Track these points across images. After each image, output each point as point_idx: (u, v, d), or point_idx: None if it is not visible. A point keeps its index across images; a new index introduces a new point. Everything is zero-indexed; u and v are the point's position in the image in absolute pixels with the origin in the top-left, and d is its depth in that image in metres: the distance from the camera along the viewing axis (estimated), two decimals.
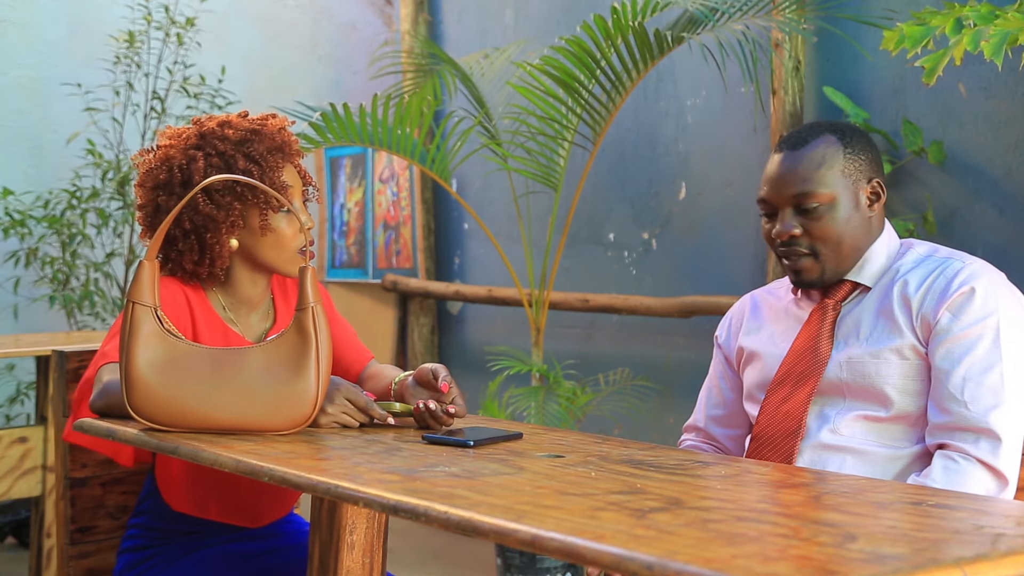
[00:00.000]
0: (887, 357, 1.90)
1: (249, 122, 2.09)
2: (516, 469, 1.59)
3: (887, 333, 1.91)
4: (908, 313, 1.90)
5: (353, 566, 1.80)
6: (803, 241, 1.96)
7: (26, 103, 5.13)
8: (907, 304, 1.91)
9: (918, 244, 2.02)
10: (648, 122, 4.45)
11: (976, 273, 1.89)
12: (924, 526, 1.30)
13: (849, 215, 1.95)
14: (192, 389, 1.81)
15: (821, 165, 1.95)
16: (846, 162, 1.96)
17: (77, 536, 2.22)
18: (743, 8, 3.61)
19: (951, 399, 1.84)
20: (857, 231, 1.96)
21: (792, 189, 1.95)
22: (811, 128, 2.01)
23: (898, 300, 1.92)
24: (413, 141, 3.92)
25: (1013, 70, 3.17)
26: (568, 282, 4.67)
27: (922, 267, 1.94)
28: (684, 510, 1.37)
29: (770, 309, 2.11)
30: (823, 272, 1.97)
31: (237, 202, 2.01)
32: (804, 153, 1.96)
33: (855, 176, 1.96)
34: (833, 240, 1.95)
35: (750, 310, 2.15)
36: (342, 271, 5.85)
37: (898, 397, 1.89)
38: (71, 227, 4.90)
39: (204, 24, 5.30)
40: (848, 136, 1.98)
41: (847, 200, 1.95)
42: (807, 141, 1.97)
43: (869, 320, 1.95)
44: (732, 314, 2.19)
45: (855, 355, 1.93)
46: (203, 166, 2.02)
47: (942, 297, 1.88)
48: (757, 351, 2.08)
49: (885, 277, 1.97)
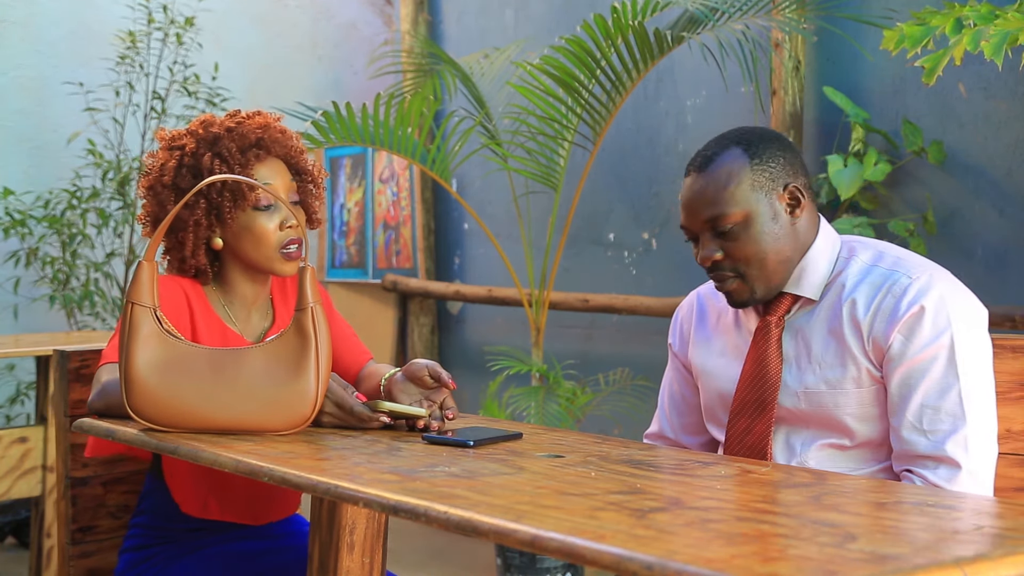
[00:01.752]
0: (845, 387, 1.85)
1: (230, 120, 2.09)
2: (516, 469, 1.59)
3: (841, 359, 1.85)
4: (859, 337, 1.84)
5: (353, 566, 1.80)
6: (726, 264, 1.88)
7: (26, 103, 5.13)
8: (857, 327, 1.84)
9: (860, 248, 1.92)
10: (648, 122, 4.45)
11: (924, 288, 1.81)
12: (924, 526, 1.30)
13: (768, 229, 1.86)
14: (191, 389, 1.81)
15: (728, 183, 1.86)
16: (754, 174, 1.86)
17: (78, 536, 2.22)
18: (743, 8, 3.61)
19: (909, 428, 1.80)
20: (780, 243, 1.87)
21: (704, 213, 1.87)
22: (718, 143, 1.92)
23: (848, 322, 1.85)
24: (413, 141, 3.92)
25: (1013, 70, 3.17)
26: (568, 282, 4.67)
27: (869, 283, 1.86)
28: (684, 510, 1.37)
29: (717, 317, 2.05)
30: (753, 291, 1.88)
31: (204, 200, 2.02)
32: (710, 173, 1.88)
33: (767, 187, 1.87)
34: (756, 259, 1.86)
35: (697, 317, 2.08)
36: (342, 271, 5.85)
37: (859, 426, 1.85)
38: (71, 227, 4.90)
39: (204, 24, 5.30)
40: (755, 145, 1.89)
41: (763, 214, 1.86)
42: (712, 159, 1.89)
43: (820, 340, 1.88)
44: (680, 319, 2.12)
45: (811, 384, 1.87)
46: (175, 166, 2.04)
47: (892, 319, 1.81)
48: (708, 370, 2.03)
49: (830, 290, 1.89)
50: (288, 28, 5.80)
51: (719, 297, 2.04)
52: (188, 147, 2.05)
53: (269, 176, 2.06)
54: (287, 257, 2.05)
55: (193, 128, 2.09)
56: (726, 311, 2.03)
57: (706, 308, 2.08)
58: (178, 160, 2.05)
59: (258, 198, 2.03)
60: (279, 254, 2.05)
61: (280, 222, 2.05)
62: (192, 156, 2.04)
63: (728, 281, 1.89)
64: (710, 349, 2.04)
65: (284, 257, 2.05)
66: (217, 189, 2.01)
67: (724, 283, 1.90)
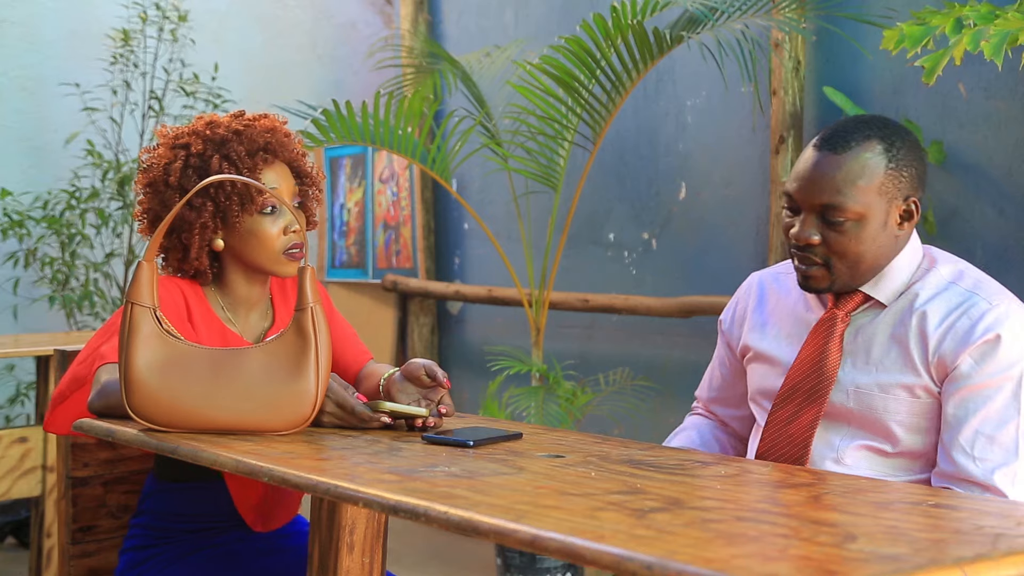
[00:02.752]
0: (896, 393, 1.83)
1: (237, 122, 2.09)
2: (516, 469, 1.59)
3: (899, 366, 1.83)
4: (924, 350, 1.81)
5: (353, 566, 1.80)
6: (820, 250, 1.84)
7: (25, 103, 5.13)
8: (924, 340, 1.81)
9: (942, 262, 1.89)
10: (648, 122, 4.45)
11: (1003, 317, 1.78)
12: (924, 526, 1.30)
13: (875, 234, 1.82)
14: (191, 390, 1.81)
15: (859, 178, 1.80)
16: (886, 178, 1.81)
17: (79, 535, 2.22)
18: (743, 8, 3.61)
19: (960, 451, 1.78)
20: (881, 250, 1.84)
21: (822, 197, 1.81)
22: (857, 128, 1.84)
23: (915, 334, 1.83)
24: (413, 141, 3.92)
25: (1013, 70, 3.17)
26: (568, 282, 4.67)
27: (945, 299, 1.83)
28: (684, 510, 1.36)
29: (777, 303, 2.03)
30: (832, 283, 1.86)
31: (211, 203, 2.01)
32: (843, 160, 1.81)
33: (892, 194, 1.82)
34: (852, 257, 1.83)
35: (756, 300, 2.06)
36: (342, 271, 5.85)
37: (905, 435, 1.84)
38: (70, 227, 4.90)
39: (204, 24, 5.30)
40: (896, 147, 1.82)
41: (877, 219, 1.82)
42: (850, 146, 1.81)
43: (881, 343, 1.86)
44: (738, 299, 2.10)
45: (863, 384, 1.86)
46: (180, 166, 2.03)
47: (964, 342, 1.78)
48: (764, 353, 2.01)
49: (902, 297, 1.87)
50: (288, 28, 5.80)
51: (780, 283, 2.03)
52: (194, 147, 2.04)
53: (275, 180, 2.06)
54: (289, 259, 2.05)
55: (198, 128, 2.08)
56: (787, 298, 2.01)
57: (766, 292, 2.06)
58: (184, 160, 2.04)
59: (265, 202, 2.03)
60: (282, 257, 2.05)
61: (284, 226, 2.05)
62: (199, 157, 2.03)
63: (813, 266, 1.86)
64: (764, 333, 2.02)
65: (286, 259, 2.05)
66: (225, 192, 2.01)
67: (808, 266, 1.86)
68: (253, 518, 2.09)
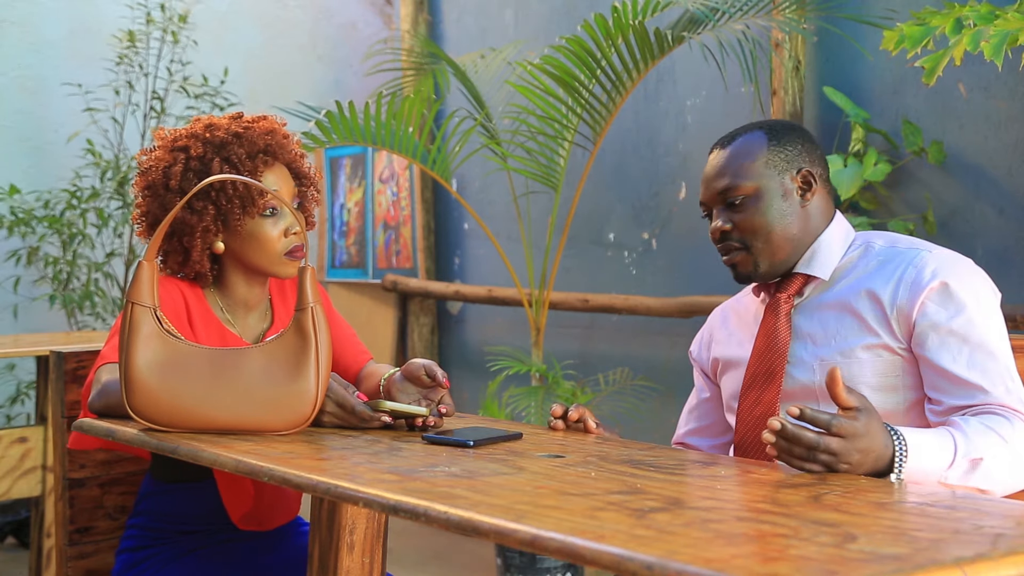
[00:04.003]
0: (859, 356, 1.87)
1: (236, 124, 2.08)
2: (516, 469, 1.59)
3: (855, 331, 1.88)
4: (879, 309, 1.87)
5: (353, 566, 1.80)
6: (734, 235, 1.95)
7: (26, 103, 5.13)
8: (877, 302, 1.87)
9: (875, 236, 1.98)
10: (648, 122, 4.44)
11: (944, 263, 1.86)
12: (924, 526, 1.30)
13: (777, 205, 1.94)
14: (192, 389, 1.81)
15: (744, 159, 1.96)
16: (770, 153, 1.96)
17: (76, 537, 2.22)
18: (743, 8, 3.61)
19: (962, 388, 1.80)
20: (787, 221, 1.94)
21: (719, 185, 1.97)
22: (744, 127, 2.03)
23: (865, 297, 1.89)
24: (414, 141, 3.92)
25: (1013, 70, 3.17)
26: (568, 282, 4.67)
27: (886, 261, 1.91)
28: (684, 510, 1.36)
29: (738, 318, 2.10)
30: (756, 264, 1.95)
31: (212, 206, 2.01)
32: (729, 149, 1.99)
33: (780, 167, 1.95)
34: (762, 231, 1.93)
35: (719, 322, 2.14)
36: (342, 271, 5.85)
37: (876, 396, 1.86)
38: (71, 227, 4.91)
39: (204, 24, 5.30)
40: (776, 130, 1.99)
41: (772, 191, 1.94)
42: (735, 138, 2.00)
43: (833, 318, 1.92)
44: (704, 329, 2.19)
45: (826, 356, 1.90)
46: (181, 169, 2.02)
47: (916, 288, 1.84)
48: (730, 359, 2.07)
49: (845, 274, 1.94)
50: (288, 28, 5.80)
51: (739, 302, 2.12)
52: (194, 150, 2.03)
53: (276, 182, 2.06)
54: (290, 260, 2.05)
55: (197, 131, 2.07)
56: (744, 311, 2.09)
57: (728, 313, 2.14)
58: (183, 164, 2.03)
59: (266, 204, 2.03)
60: (283, 258, 2.05)
61: (285, 228, 2.05)
62: (199, 160, 2.03)
63: (734, 253, 1.97)
64: (729, 342, 2.09)
65: (287, 260, 2.05)
66: (227, 195, 2.01)
67: (731, 255, 1.97)
68: (243, 520, 2.08)
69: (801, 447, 1.58)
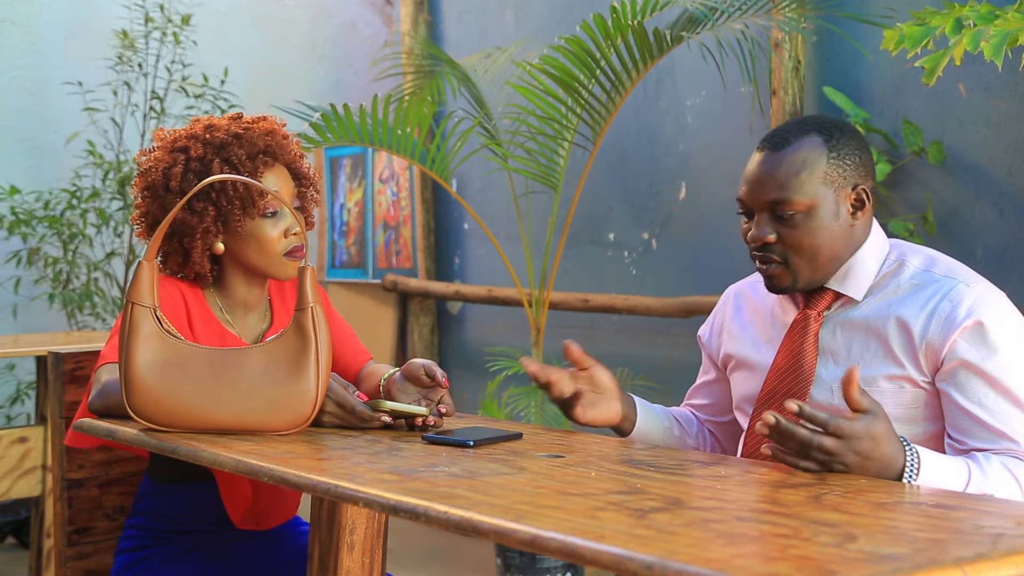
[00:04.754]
0: (881, 386, 1.82)
1: (236, 125, 2.08)
2: (516, 469, 1.59)
3: (880, 359, 1.83)
4: (908, 340, 1.80)
5: (353, 566, 1.80)
6: (777, 248, 1.86)
7: (26, 103, 5.13)
8: (906, 331, 1.81)
9: (911, 254, 1.90)
10: (648, 122, 4.44)
11: (981, 299, 1.78)
12: (924, 526, 1.29)
13: (828, 224, 1.84)
14: (191, 389, 1.81)
15: (801, 171, 1.83)
16: (829, 167, 1.84)
17: (75, 537, 2.22)
18: (743, 7, 3.61)
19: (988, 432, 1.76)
20: (835, 241, 1.85)
21: (769, 194, 1.84)
22: (796, 126, 1.88)
23: (894, 325, 1.82)
24: (413, 141, 3.92)
25: (1013, 70, 3.17)
26: (568, 282, 4.67)
27: (921, 287, 1.83)
28: (684, 510, 1.36)
29: (753, 310, 2.04)
30: (795, 281, 1.87)
31: (213, 207, 2.01)
32: (784, 155, 1.85)
33: (838, 183, 1.84)
34: (808, 250, 1.84)
35: (733, 310, 2.08)
36: (342, 271, 5.85)
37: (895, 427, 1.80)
38: (71, 227, 4.90)
39: (204, 24, 5.30)
40: (835, 137, 1.86)
41: (827, 209, 1.84)
42: (789, 142, 1.86)
43: (860, 340, 1.86)
44: (716, 311, 2.13)
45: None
46: (181, 171, 2.02)
47: (949, 325, 1.77)
48: (744, 359, 2.02)
49: (876, 293, 1.88)
50: (288, 28, 5.80)
51: (755, 291, 2.05)
52: (194, 151, 2.03)
53: (276, 183, 2.06)
54: (290, 260, 2.05)
55: (197, 132, 2.07)
56: (762, 304, 2.03)
57: (742, 301, 2.08)
58: (184, 165, 2.03)
59: (266, 205, 2.03)
60: (283, 259, 2.05)
61: (285, 229, 2.05)
62: (199, 161, 2.03)
63: (773, 265, 1.87)
64: (744, 339, 2.03)
65: (287, 261, 2.05)
66: (227, 196, 2.01)
67: (769, 266, 1.88)
68: (242, 519, 2.08)
69: (794, 443, 1.56)
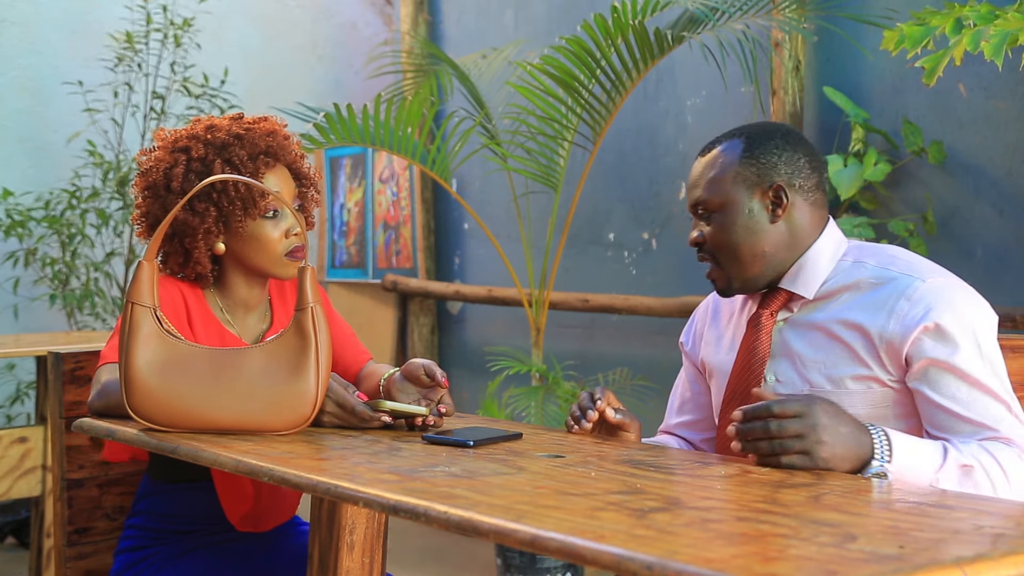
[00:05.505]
0: (849, 387, 1.82)
1: (237, 126, 2.08)
2: (516, 469, 1.59)
3: (844, 359, 1.82)
4: (869, 342, 1.80)
5: (353, 566, 1.80)
6: (706, 247, 1.92)
7: (26, 103, 5.13)
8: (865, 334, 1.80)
9: (868, 253, 1.89)
10: (648, 122, 4.44)
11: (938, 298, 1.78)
12: (924, 526, 1.29)
13: (744, 222, 1.87)
14: (191, 389, 1.81)
15: (713, 170, 1.90)
16: (741, 167, 1.88)
17: (74, 537, 2.22)
18: (743, 7, 3.61)
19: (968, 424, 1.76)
20: (755, 238, 1.87)
21: (692, 195, 1.94)
22: (726, 133, 1.96)
23: (854, 328, 1.82)
24: (413, 141, 3.92)
25: (1013, 70, 3.17)
26: (568, 282, 4.67)
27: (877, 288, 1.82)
28: (684, 510, 1.36)
29: (729, 317, 2.05)
30: (731, 281, 1.91)
31: (214, 208, 2.01)
32: (704, 159, 1.94)
33: (751, 181, 1.88)
34: (727, 248, 1.88)
35: (711, 316, 2.10)
36: (342, 271, 5.85)
37: None
38: (71, 227, 4.90)
39: (204, 24, 5.30)
40: (755, 140, 1.90)
41: (739, 207, 1.87)
42: (713, 147, 1.94)
43: (822, 342, 1.85)
44: (695, 318, 2.14)
45: (816, 382, 1.84)
46: (182, 171, 2.02)
47: (908, 324, 1.77)
48: (715, 366, 2.03)
49: (833, 292, 1.87)
50: (288, 28, 5.80)
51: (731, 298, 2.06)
52: (195, 152, 2.03)
53: (277, 184, 2.06)
54: (291, 260, 2.05)
55: (198, 132, 2.06)
56: (738, 309, 2.04)
57: (719, 307, 2.10)
58: (185, 165, 2.03)
59: (267, 206, 2.03)
60: (284, 259, 2.05)
61: (286, 229, 2.05)
62: (200, 162, 2.03)
63: (710, 267, 1.95)
64: (719, 345, 2.05)
65: (288, 261, 2.05)
66: (228, 197, 2.01)
67: (708, 270, 1.95)
68: (241, 520, 2.08)
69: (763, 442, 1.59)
